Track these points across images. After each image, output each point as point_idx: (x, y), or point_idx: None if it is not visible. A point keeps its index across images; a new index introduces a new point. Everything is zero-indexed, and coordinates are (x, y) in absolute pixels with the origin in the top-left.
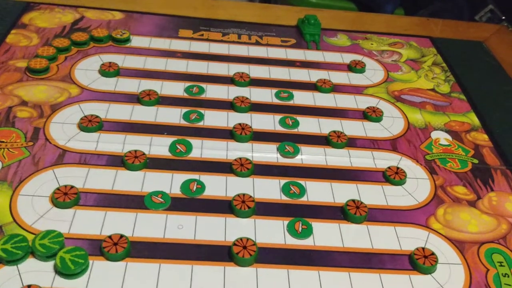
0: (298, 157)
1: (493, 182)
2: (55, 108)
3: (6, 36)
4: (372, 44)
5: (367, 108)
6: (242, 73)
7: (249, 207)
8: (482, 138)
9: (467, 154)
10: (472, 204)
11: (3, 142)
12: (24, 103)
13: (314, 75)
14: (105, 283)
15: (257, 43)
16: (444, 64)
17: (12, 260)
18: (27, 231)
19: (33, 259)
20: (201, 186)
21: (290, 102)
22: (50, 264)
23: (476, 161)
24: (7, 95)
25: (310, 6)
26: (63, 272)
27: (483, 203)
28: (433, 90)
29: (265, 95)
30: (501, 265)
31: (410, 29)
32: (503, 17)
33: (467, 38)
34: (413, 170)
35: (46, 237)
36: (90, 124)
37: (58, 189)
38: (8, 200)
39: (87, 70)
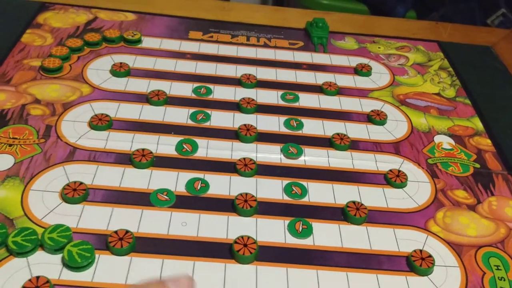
0: (301, 158)
1: (494, 186)
2: (67, 106)
3: (21, 36)
4: (379, 47)
5: (372, 111)
6: (249, 74)
7: (251, 206)
8: (485, 143)
9: (469, 158)
10: (472, 208)
11: (16, 138)
12: (37, 101)
13: (320, 78)
14: (110, 276)
15: (265, 45)
16: (450, 69)
17: (22, 252)
18: (37, 224)
19: (42, 252)
20: (205, 185)
21: (296, 104)
22: (58, 257)
23: (478, 165)
24: (21, 93)
25: (321, 8)
26: (70, 265)
27: (483, 207)
28: (438, 94)
29: (271, 97)
30: (497, 269)
31: (418, 33)
32: None
33: (476, 42)
34: (415, 173)
35: (55, 231)
36: (100, 123)
37: (67, 185)
38: (20, 195)
39: (98, 70)
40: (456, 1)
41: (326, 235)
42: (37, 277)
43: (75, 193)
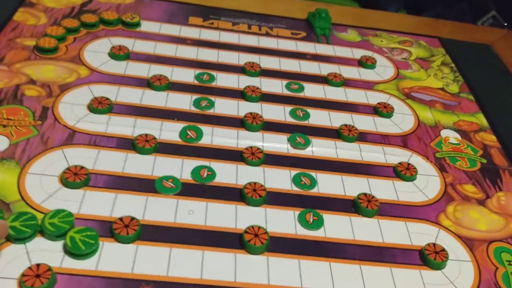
0: (309, 148)
1: (501, 182)
2: (64, 88)
3: (13, 14)
4: (382, 41)
5: (378, 103)
6: (253, 63)
7: (260, 196)
8: (490, 138)
9: (476, 153)
10: (481, 202)
11: (10, 119)
12: (32, 81)
13: (324, 69)
14: (116, 264)
15: (268, 34)
16: (453, 65)
17: (20, 238)
18: (35, 209)
19: (41, 238)
20: (212, 173)
21: (301, 94)
22: (59, 244)
23: (484, 160)
24: (15, 73)
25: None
26: (73, 252)
27: (492, 202)
28: (442, 89)
29: (276, 86)
30: (510, 264)
31: (418, 28)
32: (505, 24)
33: (474, 40)
34: (423, 166)
35: (56, 216)
36: (100, 106)
37: (68, 169)
38: (16, 178)
39: (96, 52)
40: (447, 2)
41: (337, 227)
42: (38, 265)
43: (76, 178)
